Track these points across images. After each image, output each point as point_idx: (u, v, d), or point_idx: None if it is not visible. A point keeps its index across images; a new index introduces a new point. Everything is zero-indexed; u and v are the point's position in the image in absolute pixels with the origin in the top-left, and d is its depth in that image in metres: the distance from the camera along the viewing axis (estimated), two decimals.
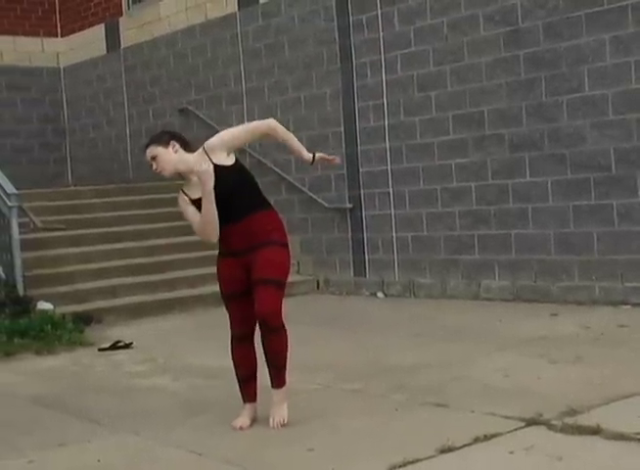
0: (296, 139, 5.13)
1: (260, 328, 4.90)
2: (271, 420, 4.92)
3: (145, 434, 5.02)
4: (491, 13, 9.02)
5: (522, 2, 8.75)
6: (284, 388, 4.99)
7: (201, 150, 4.99)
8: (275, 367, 4.93)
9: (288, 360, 4.96)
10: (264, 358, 4.95)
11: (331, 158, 5.26)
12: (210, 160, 4.88)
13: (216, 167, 4.85)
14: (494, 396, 5.24)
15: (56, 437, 5.07)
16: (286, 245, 5.01)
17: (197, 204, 4.92)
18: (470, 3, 9.18)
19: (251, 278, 4.88)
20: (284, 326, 4.92)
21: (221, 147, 4.93)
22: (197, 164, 4.83)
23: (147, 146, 5.08)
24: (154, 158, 5.00)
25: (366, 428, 4.78)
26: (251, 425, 4.99)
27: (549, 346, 6.54)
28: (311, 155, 5.14)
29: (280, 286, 4.94)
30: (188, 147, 5.04)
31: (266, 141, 5.09)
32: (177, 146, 5.00)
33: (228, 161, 4.93)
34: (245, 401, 5.07)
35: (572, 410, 4.69)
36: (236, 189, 4.89)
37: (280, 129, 5.07)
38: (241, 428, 4.95)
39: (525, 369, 5.89)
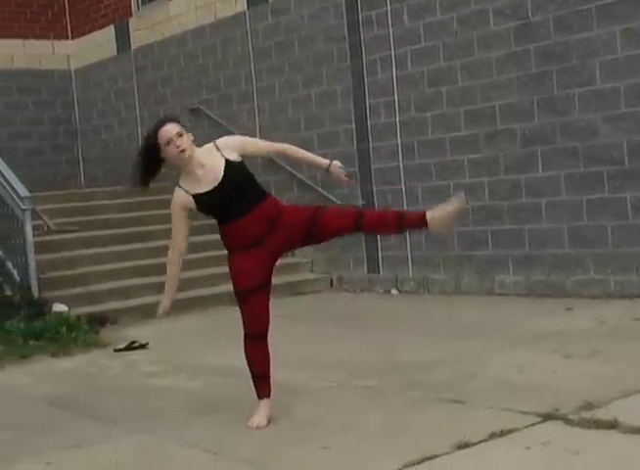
0: (310, 154, 5.32)
1: (361, 229, 5.08)
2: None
3: (160, 433, 5.03)
4: (501, 7, 8.99)
5: None
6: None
7: (211, 145, 5.04)
8: (400, 225, 5.05)
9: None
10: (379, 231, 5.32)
11: (344, 179, 5.23)
12: (223, 155, 4.96)
13: (227, 162, 4.95)
14: (510, 391, 5.23)
15: (72, 438, 5.09)
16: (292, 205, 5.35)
17: (196, 198, 4.98)
18: None
19: (299, 236, 5.00)
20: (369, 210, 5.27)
21: (236, 147, 5.05)
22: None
23: (170, 122, 5.09)
24: (180, 135, 4.98)
25: (381, 425, 4.78)
26: (267, 423, 5.00)
27: (564, 340, 6.52)
28: (328, 161, 5.18)
29: (326, 206, 5.19)
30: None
31: (280, 158, 5.21)
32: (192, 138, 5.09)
33: (237, 158, 5.02)
34: (259, 398, 5.08)
35: (589, 405, 4.68)
36: (247, 182, 5.00)
37: (299, 151, 5.30)
38: (257, 427, 4.96)
39: (541, 364, 5.87)
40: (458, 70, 9.41)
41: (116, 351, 7.80)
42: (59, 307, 9.06)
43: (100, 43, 14.68)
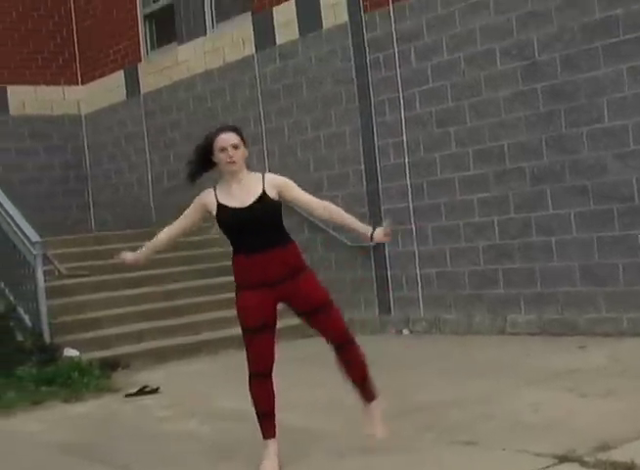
0: (350, 217, 5.19)
1: (338, 350, 5.08)
2: (377, 432, 5.11)
3: None
4: (508, 47, 9.03)
5: (538, 35, 8.76)
6: (378, 398, 5.17)
7: (260, 174, 5.08)
8: (365, 378, 5.15)
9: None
10: (349, 378, 5.15)
11: (388, 235, 5.24)
12: (264, 186, 4.98)
13: (264, 193, 4.96)
14: (525, 432, 5.18)
15: None
16: (310, 269, 5.16)
17: (220, 207, 5.02)
18: (486, 38, 9.20)
19: (298, 309, 5.05)
20: (355, 339, 5.17)
21: (278, 186, 5.05)
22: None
23: (231, 131, 5.16)
24: (236, 147, 5.05)
25: (395, 469, 4.73)
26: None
27: (578, 379, 6.47)
28: (370, 229, 5.14)
29: (333, 304, 5.17)
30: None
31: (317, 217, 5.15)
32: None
33: (274, 196, 5.02)
34: (265, 438, 5.02)
35: (605, 445, 4.63)
36: (271, 220, 4.98)
37: (342, 213, 5.18)
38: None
39: (556, 404, 5.82)
40: (466, 109, 9.44)
41: (128, 396, 7.77)
42: (70, 352, 9.05)
43: (109, 88, 14.79)
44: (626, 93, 8.15)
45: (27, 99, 14.98)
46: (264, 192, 4.96)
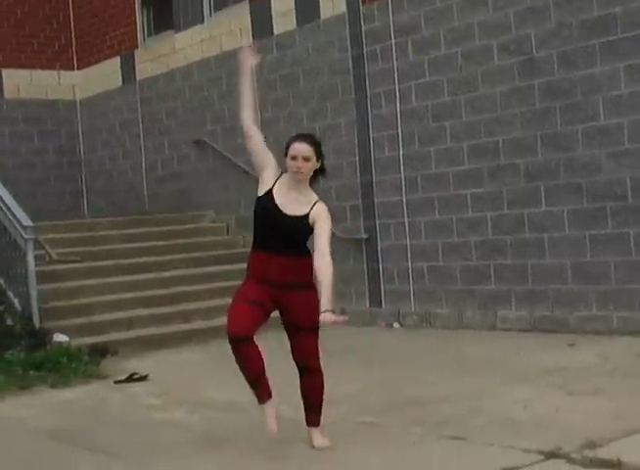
0: (325, 285, 4.97)
1: (301, 372, 5.15)
2: (316, 443, 5.16)
3: (162, 468, 4.99)
4: (505, 42, 9.03)
5: (536, 32, 8.76)
6: (319, 427, 5.22)
7: (315, 198, 5.14)
8: (316, 406, 5.19)
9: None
10: (303, 399, 5.18)
11: (333, 324, 4.87)
12: (310, 211, 5.04)
13: (306, 217, 5.03)
14: (513, 428, 5.19)
15: None
16: (316, 288, 5.09)
17: (271, 188, 5.10)
18: (484, 33, 9.20)
19: (287, 321, 5.12)
20: (321, 369, 5.17)
21: (315, 218, 5.04)
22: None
23: (309, 143, 5.17)
24: (308, 159, 5.10)
25: (383, 462, 4.74)
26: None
27: (568, 377, 6.48)
28: (326, 307, 4.88)
29: (317, 332, 5.15)
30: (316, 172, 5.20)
31: None
32: (318, 166, 5.17)
33: (311, 222, 5.05)
34: (261, 402, 5.11)
35: (592, 443, 4.65)
36: (302, 238, 5.07)
37: (325, 277, 4.96)
38: (271, 432, 5.05)
39: (544, 401, 5.83)
40: (462, 104, 9.43)
41: (117, 382, 7.76)
42: (60, 338, 9.03)
43: (105, 74, 14.74)
44: (622, 91, 8.15)
45: (22, 83, 14.92)
46: (308, 215, 5.05)
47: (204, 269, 11.23)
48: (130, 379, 7.81)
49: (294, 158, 5.09)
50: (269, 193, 5.13)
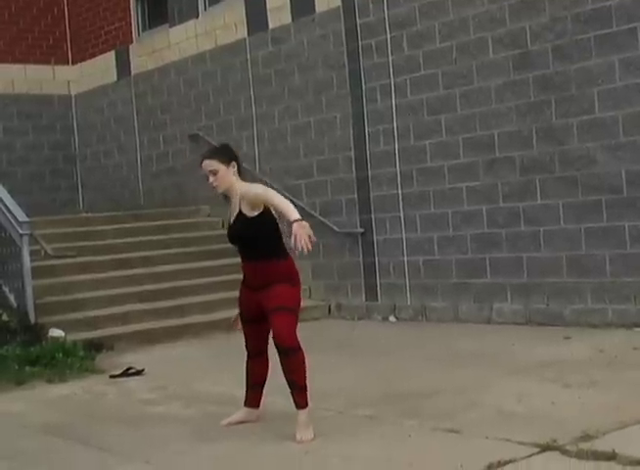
0: (286, 202, 5.11)
1: (278, 352, 5.21)
2: (298, 436, 5.14)
3: (156, 462, 4.99)
4: (500, 36, 9.02)
5: (530, 25, 8.75)
6: (306, 409, 5.21)
7: (240, 191, 5.29)
8: (295, 388, 5.21)
9: (308, 381, 5.22)
10: (286, 383, 5.24)
11: (301, 245, 4.85)
12: (240, 206, 5.28)
13: (240, 214, 5.31)
14: (508, 421, 5.20)
15: (67, 467, 5.04)
16: (295, 285, 5.36)
17: (230, 231, 5.44)
18: (478, 26, 9.19)
19: (264, 311, 5.27)
20: (300, 348, 5.20)
21: (252, 202, 5.26)
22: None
23: (208, 158, 5.38)
24: (214, 173, 5.32)
25: (378, 455, 4.74)
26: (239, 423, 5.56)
27: (563, 370, 6.49)
28: (295, 219, 4.96)
29: (291, 311, 5.26)
30: (241, 173, 5.42)
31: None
32: (235, 169, 5.36)
33: (250, 213, 5.26)
34: (245, 405, 5.63)
35: (587, 435, 4.65)
36: (256, 234, 5.27)
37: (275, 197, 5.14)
38: (229, 424, 5.56)
39: (539, 394, 5.84)
40: (457, 98, 9.43)
41: (112, 377, 7.75)
42: (55, 333, 9.02)
43: (100, 69, 14.72)
44: (617, 84, 8.15)
45: (17, 78, 14.89)
46: (240, 212, 5.29)
47: (199, 264, 11.22)
48: (126, 374, 7.80)
49: (206, 176, 5.36)
50: (229, 215, 5.48)
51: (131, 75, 14.14)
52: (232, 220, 5.43)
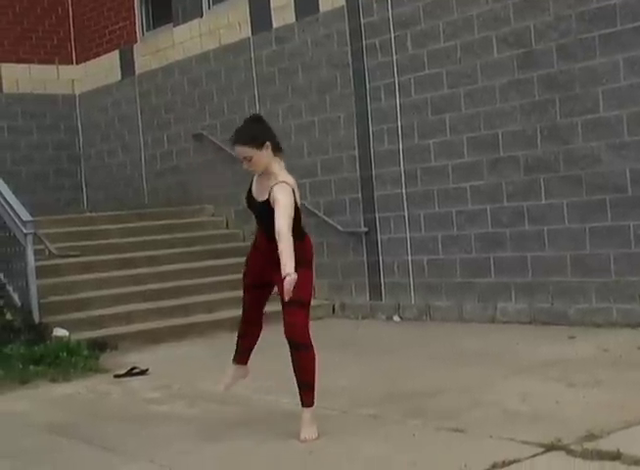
0: (285, 252, 4.96)
1: (289, 345, 5.17)
2: (302, 435, 5.11)
3: (160, 462, 4.99)
4: (504, 35, 9.01)
5: (535, 24, 8.73)
6: (312, 408, 5.18)
7: (275, 182, 5.17)
8: (303, 385, 5.18)
9: (316, 381, 5.18)
10: (295, 379, 5.21)
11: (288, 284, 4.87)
12: (269, 196, 5.17)
13: (267, 202, 5.20)
14: (513, 420, 5.19)
15: (71, 467, 5.05)
16: (307, 267, 5.19)
17: (251, 195, 5.38)
18: (483, 25, 9.17)
19: (280, 296, 5.16)
20: (311, 345, 5.16)
21: (275, 201, 5.18)
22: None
23: (241, 144, 5.28)
24: (249, 158, 5.26)
25: (382, 454, 4.74)
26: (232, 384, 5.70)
27: (567, 369, 6.48)
28: (289, 272, 4.88)
29: (303, 305, 5.17)
30: (277, 149, 5.32)
31: None
32: (269, 149, 5.24)
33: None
34: (234, 361, 5.64)
35: (592, 435, 4.64)
36: (268, 216, 5.14)
37: (281, 241, 4.99)
38: (226, 388, 5.68)
39: (544, 393, 5.83)
40: (461, 97, 9.42)
41: (116, 376, 7.76)
42: (59, 332, 9.03)
43: (104, 68, 14.72)
44: (622, 83, 8.13)
45: (21, 77, 14.90)
46: (267, 201, 5.18)
47: (203, 263, 11.22)
48: (130, 373, 7.80)
49: (240, 160, 5.35)
50: (250, 184, 5.42)
51: (135, 75, 14.14)
52: (255, 191, 5.35)
